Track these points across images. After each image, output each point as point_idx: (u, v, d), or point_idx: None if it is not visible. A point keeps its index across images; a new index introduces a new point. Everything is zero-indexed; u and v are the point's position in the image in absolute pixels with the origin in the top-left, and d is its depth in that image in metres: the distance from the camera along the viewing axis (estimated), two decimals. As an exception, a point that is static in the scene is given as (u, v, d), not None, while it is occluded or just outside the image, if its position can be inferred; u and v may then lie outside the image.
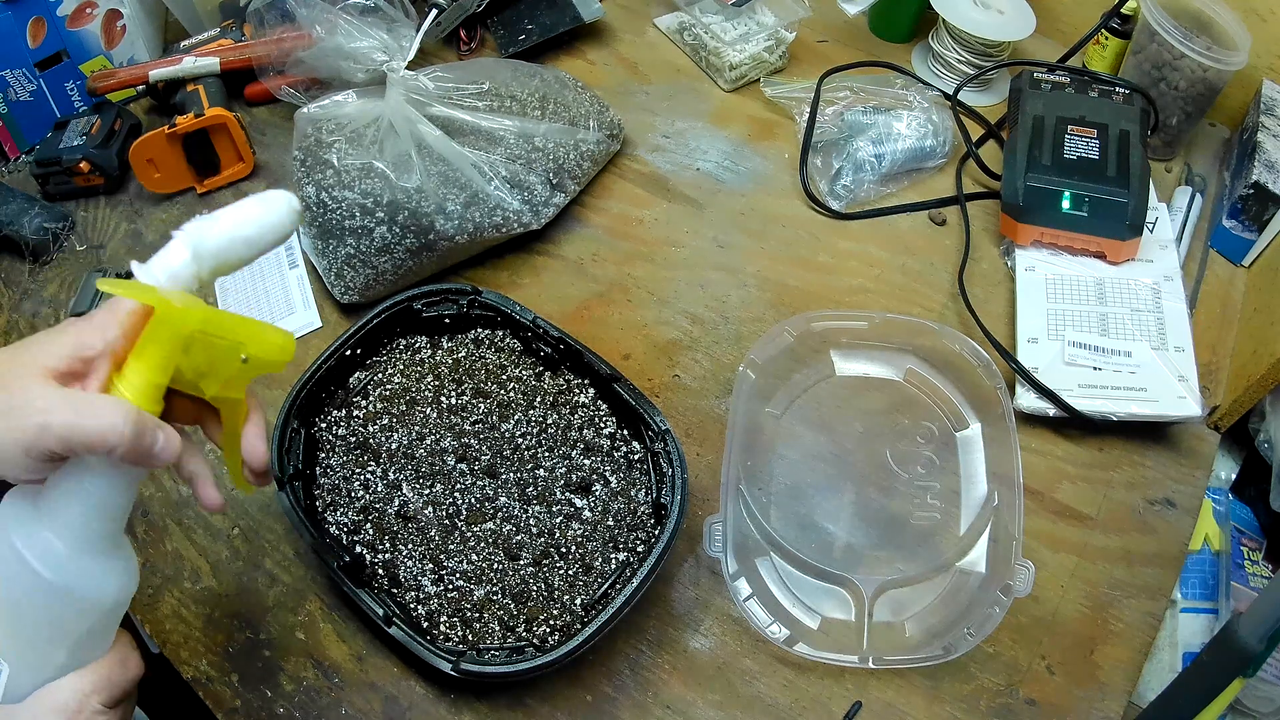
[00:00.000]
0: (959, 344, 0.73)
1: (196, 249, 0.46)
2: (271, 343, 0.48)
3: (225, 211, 0.47)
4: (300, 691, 0.62)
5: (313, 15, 0.79)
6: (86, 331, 0.44)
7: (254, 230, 0.47)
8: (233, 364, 0.47)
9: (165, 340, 0.44)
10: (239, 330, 0.46)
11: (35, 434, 0.41)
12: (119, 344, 0.44)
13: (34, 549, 0.43)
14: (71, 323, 0.45)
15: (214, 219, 0.46)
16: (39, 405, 0.42)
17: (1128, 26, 0.92)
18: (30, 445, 0.41)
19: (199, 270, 0.46)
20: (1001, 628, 0.62)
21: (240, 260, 0.48)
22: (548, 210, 0.83)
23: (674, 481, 0.63)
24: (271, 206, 0.48)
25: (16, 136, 0.98)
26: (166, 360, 0.44)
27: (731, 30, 0.97)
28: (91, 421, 0.42)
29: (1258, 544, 0.77)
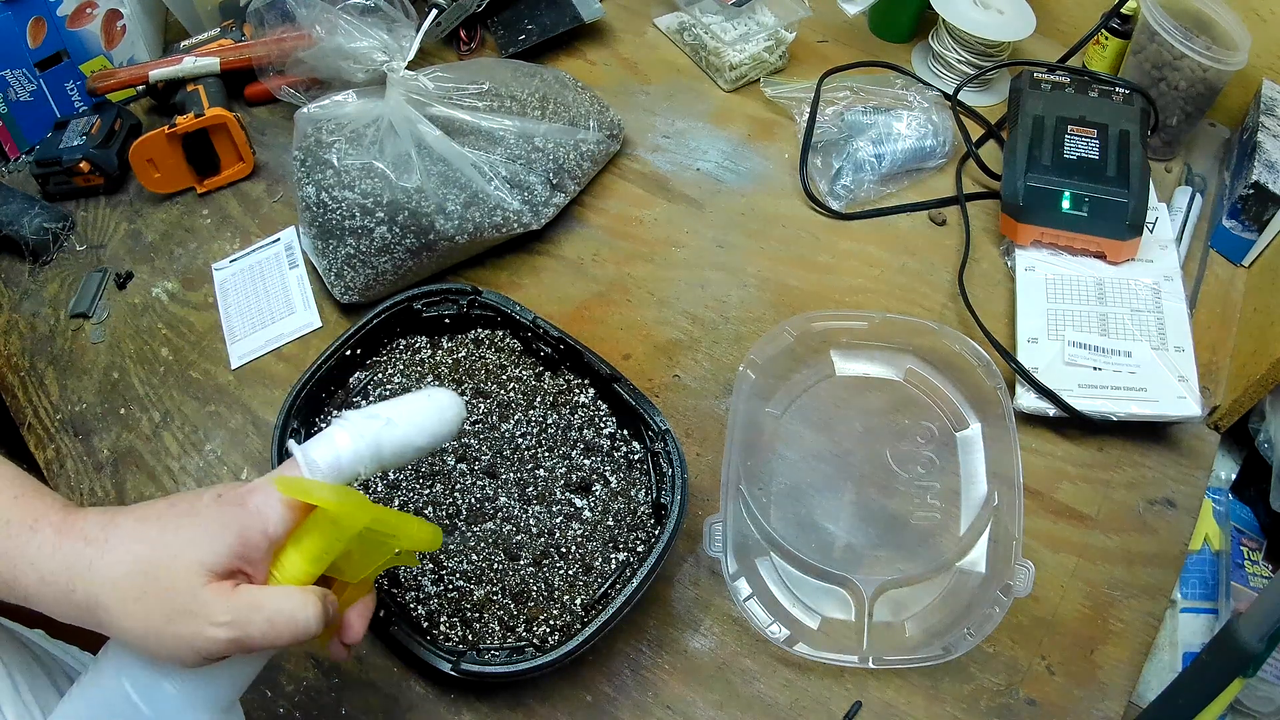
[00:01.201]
0: (959, 344, 0.73)
1: (376, 451, 0.45)
2: (422, 537, 0.47)
3: (401, 413, 0.46)
4: (300, 691, 0.62)
5: (313, 15, 0.79)
6: (245, 526, 0.41)
7: (427, 440, 0.47)
8: (385, 555, 0.46)
9: (330, 535, 0.43)
10: (395, 525, 0.46)
11: (225, 645, 0.40)
12: (281, 540, 0.43)
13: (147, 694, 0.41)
14: (221, 507, 0.42)
15: (391, 423, 0.45)
16: (225, 618, 0.40)
17: (1128, 26, 0.92)
18: (216, 653, 0.40)
19: (372, 469, 0.45)
20: (1001, 628, 0.62)
21: (403, 464, 0.47)
22: (548, 210, 0.83)
23: (674, 481, 0.63)
24: (445, 417, 0.47)
25: (16, 136, 0.98)
26: (327, 553, 0.43)
27: (731, 30, 0.97)
28: (286, 625, 0.40)
29: (1258, 544, 0.77)
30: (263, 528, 0.42)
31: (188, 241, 0.87)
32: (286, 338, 0.80)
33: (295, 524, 0.43)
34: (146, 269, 0.86)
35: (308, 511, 0.43)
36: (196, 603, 0.40)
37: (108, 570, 0.40)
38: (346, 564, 0.45)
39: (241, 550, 0.41)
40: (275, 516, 0.42)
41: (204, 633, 0.39)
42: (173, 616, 0.39)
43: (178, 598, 0.40)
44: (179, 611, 0.39)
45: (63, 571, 0.40)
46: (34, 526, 0.42)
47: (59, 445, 0.75)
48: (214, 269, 0.85)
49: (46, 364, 0.80)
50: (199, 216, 0.89)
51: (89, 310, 0.83)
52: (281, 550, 0.43)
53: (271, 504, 0.42)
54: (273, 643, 0.41)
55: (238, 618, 0.40)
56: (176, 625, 0.39)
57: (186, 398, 0.77)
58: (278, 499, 0.42)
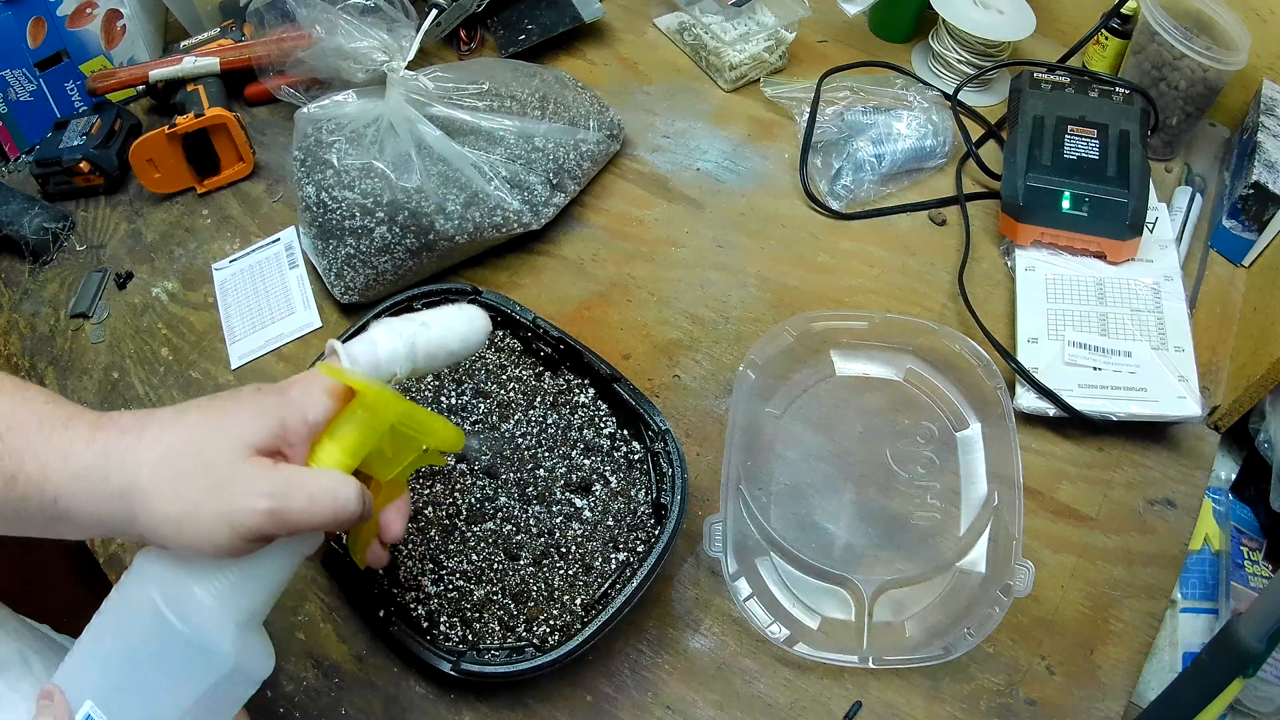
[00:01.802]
0: (959, 344, 0.73)
1: (411, 350, 0.47)
2: (447, 436, 0.49)
3: (434, 318, 0.49)
4: (300, 691, 0.62)
5: (313, 15, 0.79)
6: (286, 411, 0.42)
7: (458, 344, 0.50)
8: (414, 453, 0.48)
9: (367, 428, 0.44)
10: (425, 422, 0.47)
11: (265, 518, 0.39)
12: (320, 427, 0.43)
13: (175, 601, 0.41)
14: (262, 395, 0.43)
15: (426, 325, 0.49)
16: (265, 488, 0.40)
17: (1128, 26, 0.92)
18: (254, 527, 0.39)
19: (407, 369, 0.47)
20: (1001, 628, 0.62)
21: (435, 368, 0.50)
22: (548, 210, 0.83)
23: (674, 481, 0.63)
24: (475, 325, 0.50)
25: (16, 136, 0.98)
26: (362, 445, 0.44)
27: (731, 30, 0.97)
28: (327, 503, 0.41)
29: (1258, 544, 0.77)
30: (303, 415, 0.42)
31: (188, 241, 0.87)
32: (286, 338, 0.80)
33: (333, 414, 0.44)
34: (146, 269, 0.86)
35: (345, 403, 0.44)
36: (237, 475, 0.39)
37: (145, 453, 0.40)
38: (379, 461, 0.46)
39: (282, 433, 0.41)
40: (315, 405, 0.43)
41: (245, 504, 0.39)
42: (212, 491, 0.39)
43: (218, 471, 0.39)
44: (219, 485, 0.39)
45: (98, 461, 0.40)
46: (68, 423, 0.41)
47: (59, 445, 0.75)
48: (214, 269, 0.85)
49: (46, 364, 0.80)
50: (199, 216, 0.89)
51: (89, 310, 0.83)
52: (318, 442, 0.43)
53: (312, 393, 0.43)
54: (312, 519, 0.40)
55: (278, 489, 0.40)
56: (216, 500, 0.39)
57: (187, 398, 0.77)
58: (318, 388, 0.43)
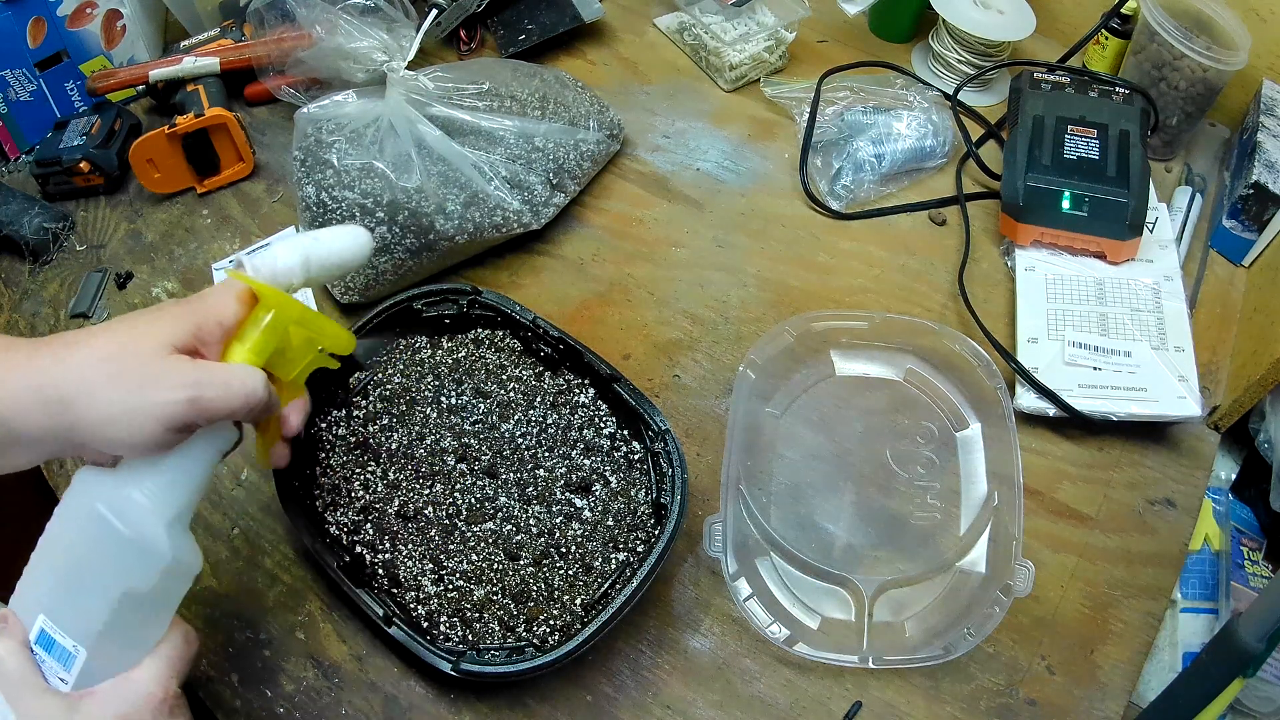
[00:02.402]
0: (959, 344, 0.73)
1: (306, 260, 0.53)
2: (340, 336, 0.55)
3: (324, 233, 0.55)
4: (300, 691, 0.62)
5: (313, 15, 0.79)
6: (200, 315, 0.47)
7: (345, 256, 0.56)
8: (311, 352, 0.54)
9: (269, 328, 0.50)
10: (320, 325, 0.54)
11: (185, 406, 0.44)
12: (231, 330, 0.49)
13: (116, 506, 0.45)
14: (179, 304, 0.48)
15: (316, 238, 0.55)
16: (184, 379, 0.45)
17: (1128, 26, 0.92)
18: (174, 416, 0.44)
19: (302, 278, 0.53)
20: (1001, 628, 0.62)
21: (326, 279, 0.56)
22: (548, 210, 0.83)
23: (674, 481, 0.63)
24: (359, 239, 0.56)
25: (16, 136, 0.98)
26: (267, 344, 0.50)
27: (731, 30, 0.97)
28: (239, 389, 0.46)
29: (1258, 544, 0.77)
30: (216, 317, 0.48)
31: (188, 241, 0.87)
32: (286, 338, 0.80)
33: (242, 318, 0.49)
34: (146, 269, 0.86)
35: (251, 309, 0.50)
36: (159, 369, 0.44)
37: (80, 363, 0.44)
38: (281, 362, 0.52)
39: (198, 333, 0.47)
40: (226, 308, 0.48)
41: (167, 395, 0.44)
42: (137, 386, 0.44)
43: (143, 369, 0.44)
44: (143, 380, 0.44)
45: (39, 375, 0.44)
46: (8, 348, 0.46)
47: (59, 445, 0.75)
48: (214, 269, 0.85)
49: (46, 364, 0.80)
50: (199, 216, 0.89)
51: (89, 310, 0.83)
52: (229, 344, 0.49)
53: (225, 298, 0.49)
54: (227, 405, 0.46)
55: (197, 379, 0.45)
56: (140, 393, 0.44)
57: (186, 398, 0.77)
58: (229, 294, 0.49)
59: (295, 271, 0.53)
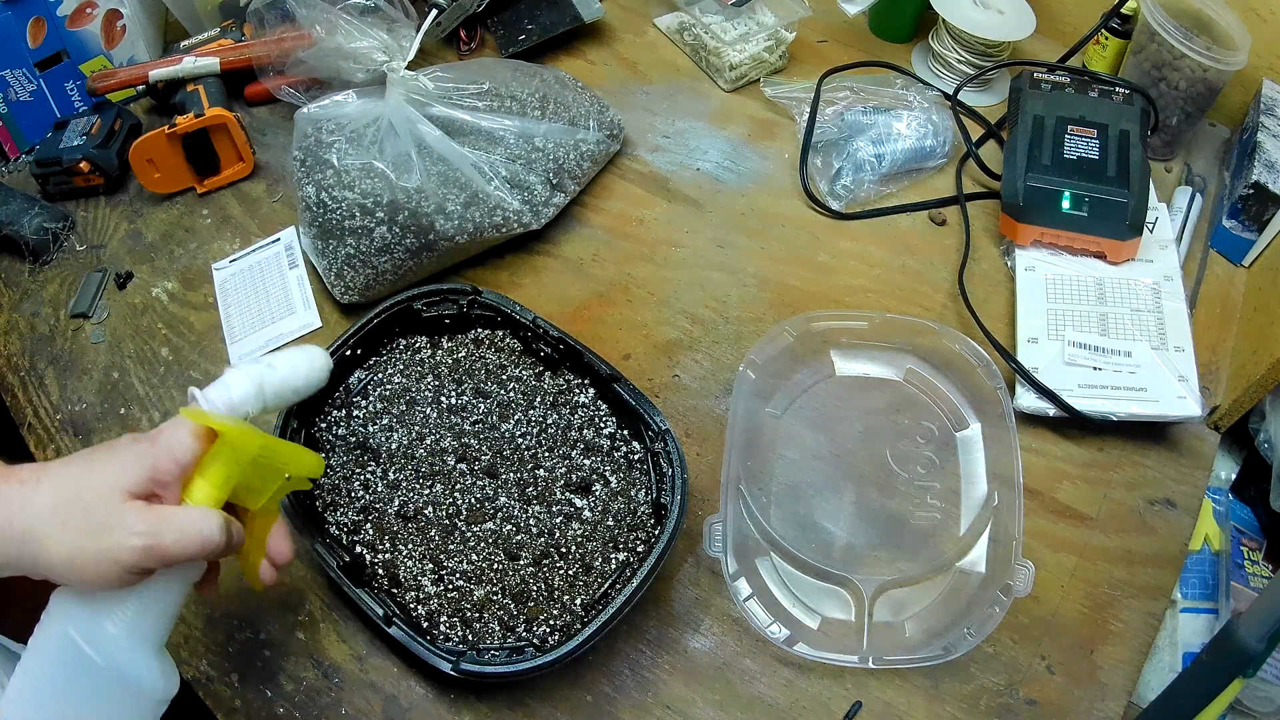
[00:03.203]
0: (959, 344, 0.73)
1: (260, 390, 0.53)
2: (307, 463, 0.55)
3: (279, 360, 0.55)
4: (300, 691, 0.62)
5: (313, 15, 0.79)
6: (158, 457, 0.47)
7: (302, 382, 0.56)
8: (278, 481, 0.53)
9: (230, 462, 0.50)
10: (284, 453, 0.53)
11: (141, 554, 0.45)
12: (189, 468, 0.48)
13: (90, 637, 0.46)
14: (136, 443, 0.48)
15: (271, 365, 0.54)
16: (139, 527, 0.45)
17: (1128, 26, 0.92)
18: (133, 563, 0.45)
19: (258, 407, 0.53)
20: (1001, 628, 0.62)
21: (283, 405, 0.56)
22: (548, 210, 0.83)
23: (674, 481, 0.63)
24: (316, 365, 0.57)
25: (16, 136, 0.98)
26: (229, 479, 0.50)
27: (731, 30, 0.97)
28: (194, 536, 0.46)
29: (1258, 544, 0.77)
30: (172, 457, 0.47)
31: (188, 241, 0.87)
32: (286, 338, 0.80)
33: (200, 454, 0.49)
34: (146, 269, 0.86)
35: (209, 444, 0.49)
36: (114, 516, 0.45)
37: (39, 503, 0.45)
38: (246, 493, 0.52)
39: (154, 475, 0.47)
40: (183, 446, 0.48)
41: (122, 542, 0.44)
42: (94, 531, 0.44)
43: (97, 514, 0.45)
44: (99, 526, 0.45)
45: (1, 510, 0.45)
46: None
47: (59, 445, 0.75)
48: (214, 269, 0.85)
49: (46, 364, 0.80)
50: (199, 216, 0.89)
51: (89, 310, 0.83)
52: (189, 481, 0.49)
53: (179, 436, 0.48)
54: (184, 551, 0.46)
55: (151, 527, 0.45)
56: (97, 539, 0.44)
57: (187, 397, 0.77)
58: (184, 431, 0.48)
59: (251, 401, 0.53)
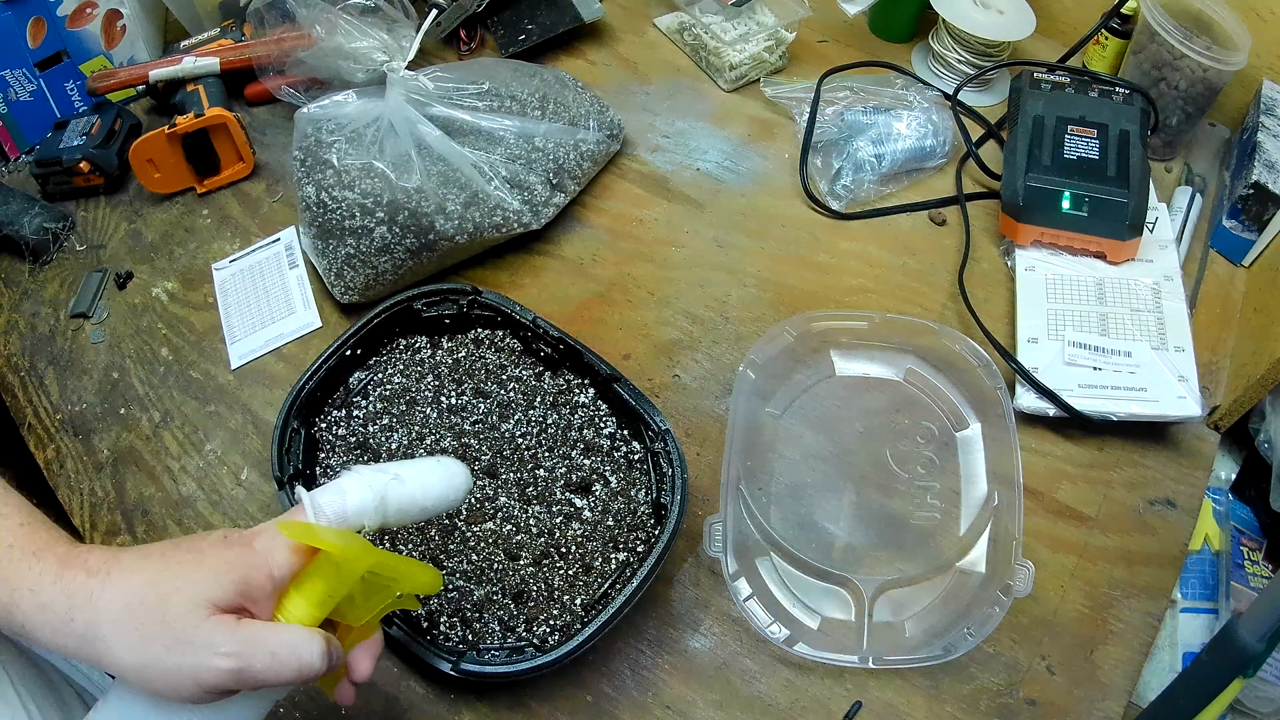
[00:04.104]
0: (959, 344, 0.73)
1: (381, 504, 0.45)
2: (423, 581, 0.48)
3: (409, 472, 0.47)
4: (300, 691, 0.62)
5: (313, 15, 0.79)
6: (249, 568, 0.41)
7: (433, 502, 0.48)
8: (388, 599, 0.47)
9: (333, 579, 0.43)
10: (396, 570, 0.46)
11: (227, 676, 0.39)
12: (285, 583, 0.43)
13: None
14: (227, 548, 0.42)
15: (399, 478, 0.46)
16: (227, 648, 0.40)
17: (1128, 26, 0.92)
18: (216, 685, 0.40)
19: (376, 522, 0.46)
20: (1001, 628, 0.62)
21: (407, 522, 0.48)
22: (548, 210, 0.83)
23: (674, 481, 0.63)
24: (454, 483, 0.48)
25: (16, 136, 0.98)
26: (330, 598, 0.43)
27: (731, 30, 0.97)
28: (290, 661, 0.41)
29: (1258, 544, 0.77)
30: (268, 569, 0.42)
31: (188, 241, 0.87)
32: (286, 338, 0.80)
33: (300, 568, 0.43)
34: (146, 269, 0.86)
35: (312, 555, 0.43)
36: (198, 634, 0.39)
37: (109, 602, 0.40)
38: (349, 607, 0.45)
39: (245, 589, 0.41)
40: (280, 559, 0.42)
41: (207, 663, 0.39)
42: (172, 647, 0.39)
43: (178, 629, 0.39)
44: (179, 642, 0.39)
45: (63, 600, 0.40)
46: (38, 554, 0.42)
47: (59, 445, 0.75)
48: (214, 269, 0.85)
49: (46, 364, 0.80)
50: (199, 216, 0.89)
51: (89, 310, 0.83)
52: (285, 594, 0.43)
53: (277, 546, 0.42)
54: (276, 677, 0.40)
55: (241, 649, 0.40)
56: (176, 656, 0.39)
57: (186, 398, 0.77)
58: (284, 542, 0.42)
59: (369, 515, 0.45)
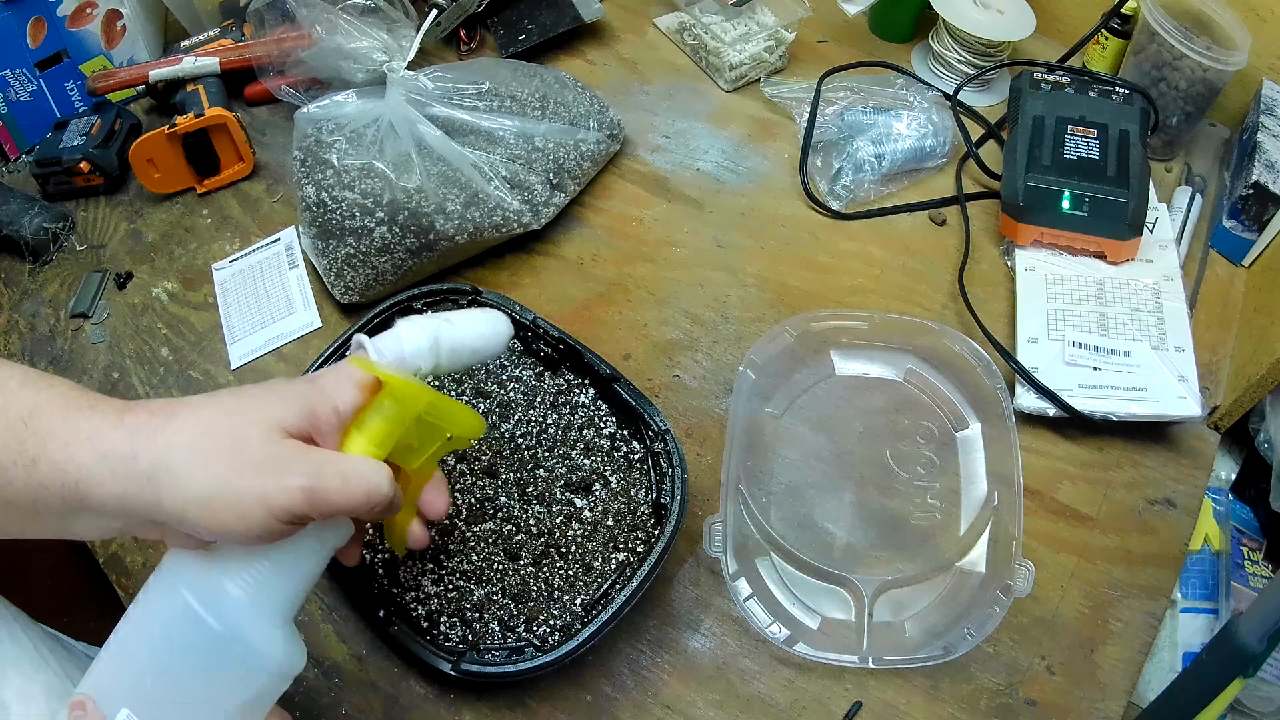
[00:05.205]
0: (959, 344, 0.73)
1: (435, 345, 0.49)
2: (470, 423, 0.51)
3: (458, 317, 0.51)
4: (300, 692, 0.62)
5: (313, 15, 0.79)
6: (316, 399, 0.43)
7: (480, 343, 0.51)
8: (439, 440, 0.49)
9: (394, 417, 0.45)
10: (448, 411, 0.49)
11: (301, 496, 0.39)
12: (350, 417, 0.44)
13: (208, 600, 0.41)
14: (295, 385, 0.44)
15: (450, 321, 0.50)
16: (301, 468, 0.40)
17: (1128, 26, 0.92)
18: (286, 507, 0.39)
19: (430, 364, 0.49)
20: (1001, 628, 0.62)
21: (459, 367, 0.52)
22: (548, 210, 0.83)
23: (674, 481, 0.63)
24: (497, 326, 0.52)
25: (16, 136, 0.98)
26: (389, 436, 0.45)
27: (731, 30, 0.97)
28: (360, 484, 0.41)
29: (1258, 544, 0.77)
30: (333, 404, 0.43)
31: (188, 241, 0.87)
32: (286, 338, 0.80)
33: (362, 405, 0.45)
34: (146, 269, 0.86)
35: (372, 396, 0.45)
36: (272, 455, 0.40)
37: (176, 434, 0.40)
38: (404, 452, 0.48)
39: (313, 420, 0.42)
40: (345, 395, 0.44)
41: (280, 482, 0.39)
42: (246, 469, 0.39)
43: (252, 450, 0.39)
44: (253, 464, 0.39)
45: (125, 440, 0.39)
46: (94, 406, 0.41)
47: (59, 445, 0.75)
48: (214, 269, 0.85)
49: (46, 364, 0.80)
50: (199, 216, 0.89)
51: (89, 310, 0.83)
52: (347, 433, 0.44)
53: (342, 383, 0.44)
54: (347, 500, 0.41)
55: (313, 469, 0.40)
56: (250, 478, 0.39)
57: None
58: (348, 379, 0.44)
59: (424, 357, 0.48)
